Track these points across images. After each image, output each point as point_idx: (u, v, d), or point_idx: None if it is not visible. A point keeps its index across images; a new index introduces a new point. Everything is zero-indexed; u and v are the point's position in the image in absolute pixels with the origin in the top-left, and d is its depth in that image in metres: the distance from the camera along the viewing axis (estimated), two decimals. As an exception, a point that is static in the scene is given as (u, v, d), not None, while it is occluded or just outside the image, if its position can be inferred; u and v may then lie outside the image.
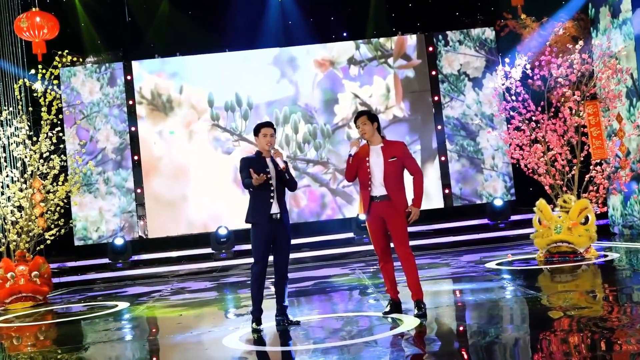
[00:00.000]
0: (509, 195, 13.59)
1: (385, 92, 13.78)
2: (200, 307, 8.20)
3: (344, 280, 9.26)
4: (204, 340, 5.97)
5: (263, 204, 6.04)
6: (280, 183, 6.08)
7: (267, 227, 6.00)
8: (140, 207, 13.48)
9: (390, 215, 5.91)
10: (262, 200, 6.06)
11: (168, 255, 12.78)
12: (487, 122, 13.62)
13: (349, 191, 13.58)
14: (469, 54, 13.86)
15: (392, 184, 5.93)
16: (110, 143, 13.52)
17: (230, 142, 13.59)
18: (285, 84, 13.78)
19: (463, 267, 9.20)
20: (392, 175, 5.94)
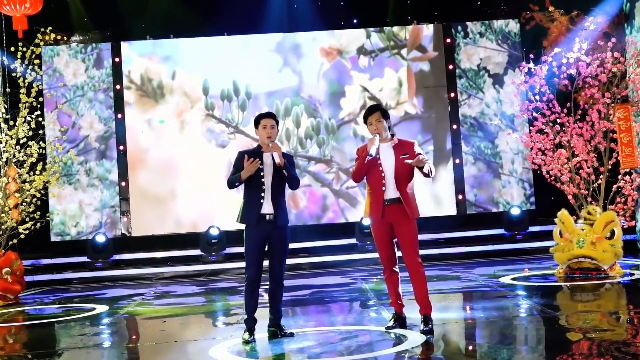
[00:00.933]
0: (528, 204, 13.59)
1: (397, 86, 13.78)
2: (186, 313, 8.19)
3: (344, 290, 9.26)
4: (189, 350, 5.98)
5: (253, 204, 6.04)
6: (277, 180, 6.06)
7: (259, 229, 5.99)
8: (124, 202, 13.49)
9: (401, 220, 5.91)
10: (252, 200, 6.05)
11: (153, 255, 12.78)
12: (507, 123, 13.61)
13: (353, 193, 13.58)
14: (490, 47, 13.85)
15: (404, 186, 5.94)
16: (94, 131, 13.53)
17: (225, 134, 13.59)
18: (287, 74, 13.78)
19: (475, 281, 9.19)
20: (403, 175, 5.95)
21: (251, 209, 6.04)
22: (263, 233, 6.01)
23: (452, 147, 13.73)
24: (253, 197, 6.05)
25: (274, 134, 6.14)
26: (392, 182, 5.93)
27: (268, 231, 6.01)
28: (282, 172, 6.02)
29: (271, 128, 6.13)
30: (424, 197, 12.94)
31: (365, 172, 6.00)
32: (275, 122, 6.20)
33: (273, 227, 6.01)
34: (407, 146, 6.05)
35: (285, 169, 6.03)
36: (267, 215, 6.01)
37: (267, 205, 6.02)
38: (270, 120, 6.16)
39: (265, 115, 6.23)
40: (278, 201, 6.06)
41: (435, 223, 13.00)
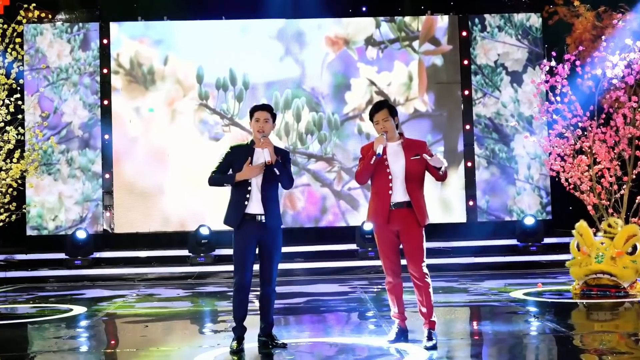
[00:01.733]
0: (544, 214, 13.59)
1: (407, 80, 13.78)
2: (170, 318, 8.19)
3: (342, 299, 9.25)
4: (172, 358, 5.98)
5: (236, 204, 6.04)
6: (267, 179, 6.05)
7: (248, 231, 5.99)
8: (108, 195, 13.49)
9: (408, 226, 5.91)
10: (236, 199, 6.06)
11: (136, 254, 12.78)
12: (524, 125, 13.62)
13: (355, 195, 13.58)
14: (509, 42, 13.86)
15: (414, 188, 5.95)
16: (77, 117, 13.53)
17: (220, 126, 13.59)
18: (289, 63, 13.79)
19: (484, 295, 9.19)
20: (415, 177, 5.95)
21: (235, 209, 6.05)
22: (253, 235, 6.01)
23: (464, 149, 13.73)
24: (237, 196, 6.05)
25: (267, 128, 6.11)
26: (400, 185, 5.93)
27: (258, 233, 6.01)
28: (273, 170, 6.01)
29: (264, 122, 6.11)
30: (431, 201, 12.84)
31: (371, 173, 6.00)
32: (271, 115, 6.17)
33: (264, 228, 6.01)
34: (418, 146, 6.05)
35: (276, 167, 6.01)
36: (257, 216, 6.00)
37: (255, 205, 6.01)
38: (264, 113, 6.14)
39: (259, 107, 6.21)
40: (269, 201, 6.04)
41: (442, 230, 13.00)
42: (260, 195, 6.02)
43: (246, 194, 6.01)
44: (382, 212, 5.94)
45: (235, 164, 6.08)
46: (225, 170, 6.14)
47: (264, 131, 6.08)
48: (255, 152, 6.10)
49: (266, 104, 6.33)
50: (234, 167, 6.09)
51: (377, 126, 6.03)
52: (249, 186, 6.02)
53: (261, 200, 6.01)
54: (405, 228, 5.92)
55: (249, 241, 6.01)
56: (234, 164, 6.10)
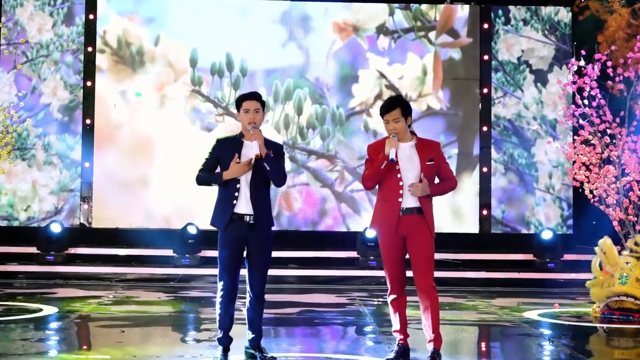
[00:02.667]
0: (564, 228, 13.58)
1: (421, 74, 13.77)
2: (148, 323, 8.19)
3: (338, 311, 9.25)
4: (150, 368, 5.98)
5: (225, 202, 6.04)
6: (258, 176, 6.03)
7: (235, 232, 5.99)
8: (87, 186, 13.47)
9: (418, 234, 5.91)
10: (224, 198, 6.06)
11: (115, 252, 12.76)
12: (547, 129, 13.61)
13: (358, 197, 13.57)
14: (534, 38, 13.84)
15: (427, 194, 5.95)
16: (57, 99, 13.52)
17: (213, 115, 13.58)
18: (292, 49, 13.77)
19: (494, 314, 9.18)
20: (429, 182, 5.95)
21: (222, 208, 6.04)
22: (240, 237, 6.01)
23: (480, 153, 13.71)
24: (226, 194, 6.05)
25: (258, 119, 6.10)
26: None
27: (246, 235, 6.01)
28: (264, 166, 5.99)
29: (255, 112, 6.09)
30: (441, 208, 12.92)
31: (381, 178, 5.99)
32: (261, 105, 6.16)
33: (252, 230, 6.00)
34: (432, 148, 6.05)
35: (267, 161, 6.00)
36: (245, 217, 5.99)
37: (243, 205, 6.00)
38: (253, 103, 6.12)
39: (248, 96, 6.18)
40: (259, 200, 6.03)
41: (452, 241, 12.98)
42: (249, 193, 6.00)
43: (234, 192, 6.00)
44: (390, 220, 5.93)
45: (223, 159, 6.07)
46: (212, 167, 6.14)
47: (255, 122, 6.06)
48: (244, 146, 6.08)
49: (255, 92, 6.29)
50: (222, 163, 6.07)
51: (387, 126, 6.02)
52: (237, 183, 6.01)
53: (250, 199, 6.00)
54: (415, 236, 5.92)
55: (235, 244, 6.01)
56: (221, 159, 6.09)
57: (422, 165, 5.96)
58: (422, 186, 5.92)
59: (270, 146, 6.11)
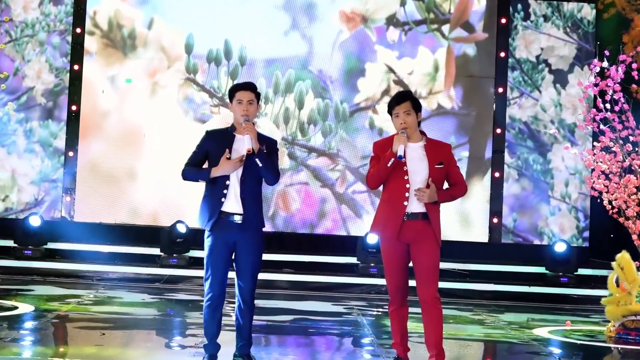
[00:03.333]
0: (579, 240, 13.57)
1: (432, 70, 13.76)
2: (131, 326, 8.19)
3: (334, 321, 9.25)
4: (130, 374, 5.99)
5: (212, 200, 6.04)
6: (249, 172, 6.03)
7: (222, 233, 5.99)
8: (70, 177, 13.46)
9: (423, 241, 5.92)
10: (211, 195, 6.06)
11: (98, 249, 12.75)
12: (565, 134, 13.60)
13: (360, 200, 13.57)
14: (555, 35, 13.84)
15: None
16: (41, 82, 13.51)
17: (208, 106, 13.58)
18: (295, 39, 13.76)
19: (502, 329, 9.18)
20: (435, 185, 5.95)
21: (209, 206, 6.04)
22: (228, 238, 6.01)
23: (493, 157, 13.70)
24: (213, 191, 6.05)
25: (251, 111, 6.11)
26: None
27: (234, 236, 6.01)
28: (256, 162, 5.98)
29: (248, 104, 6.10)
30: (448, 214, 12.92)
31: (387, 177, 5.99)
32: (256, 96, 6.17)
33: (241, 230, 6.00)
34: (442, 150, 6.06)
35: (260, 157, 5.99)
36: (234, 216, 6.00)
37: (232, 203, 6.01)
38: (247, 94, 6.12)
39: (242, 86, 6.20)
40: (249, 198, 6.03)
41: (459, 250, 12.97)
42: (240, 190, 6.00)
43: (223, 189, 6.01)
44: (393, 224, 5.93)
45: (212, 153, 6.07)
46: (200, 162, 6.14)
47: (248, 115, 6.06)
48: (235, 140, 6.09)
49: (250, 82, 6.31)
50: (211, 158, 6.08)
51: (397, 120, 6.02)
52: (227, 180, 6.01)
53: (240, 197, 5.99)
54: (420, 243, 5.92)
55: (223, 244, 6.02)
56: (210, 154, 6.09)
57: (431, 168, 5.96)
58: (429, 192, 5.92)
59: (264, 141, 6.10)
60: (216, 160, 6.00)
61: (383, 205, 6.08)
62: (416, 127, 6.06)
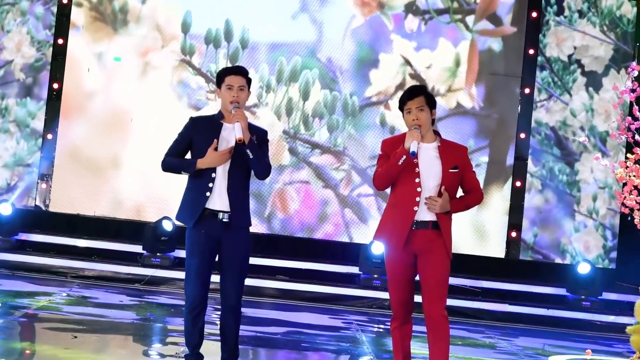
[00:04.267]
0: (605, 261, 13.55)
1: (453, 65, 13.75)
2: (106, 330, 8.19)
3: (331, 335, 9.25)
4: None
5: (195, 195, 6.06)
6: (237, 165, 6.03)
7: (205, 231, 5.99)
8: (47, 162, 13.45)
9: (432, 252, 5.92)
10: (195, 189, 6.08)
11: (74, 243, 12.75)
12: (596, 143, 13.58)
13: (366, 204, 13.55)
14: (590, 34, 13.82)
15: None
16: (21, 56, 13.50)
17: (203, 92, 13.57)
18: (303, 22, 13.75)
19: (515, 354, 9.18)
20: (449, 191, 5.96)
21: (192, 202, 6.06)
22: (212, 237, 6.02)
23: (515, 164, 13.68)
24: (197, 185, 6.07)
25: (242, 98, 6.13)
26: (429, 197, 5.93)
27: (219, 235, 6.01)
28: (246, 152, 5.98)
29: (239, 90, 6.12)
30: (462, 225, 12.89)
31: (396, 177, 5.98)
32: (247, 82, 6.18)
33: (226, 229, 6.00)
34: (457, 152, 6.05)
35: (250, 147, 5.98)
36: (219, 213, 6.00)
37: (217, 199, 6.02)
38: (238, 79, 6.15)
39: (232, 70, 6.23)
40: (237, 194, 6.04)
41: (472, 264, 12.97)
42: (227, 185, 6.00)
43: (208, 182, 6.02)
44: (400, 231, 5.92)
45: (197, 142, 6.08)
46: (183, 152, 6.17)
47: (238, 102, 6.07)
48: (223, 128, 6.10)
49: (240, 66, 6.35)
50: (195, 147, 6.08)
51: (409, 116, 6.01)
52: (212, 173, 6.02)
53: (227, 192, 5.99)
54: (428, 254, 5.92)
55: (206, 245, 6.03)
56: (194, 143, 6.11)
57: (444, 172, 5.95)
58: (441, 201, 5.92)
59: (254, 131, 6.11)
60: (200, 151, 6.01)
61: (390, 209, 6.08)
62: (430, 125, 6.05)
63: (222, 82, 6.16)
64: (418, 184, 5.93)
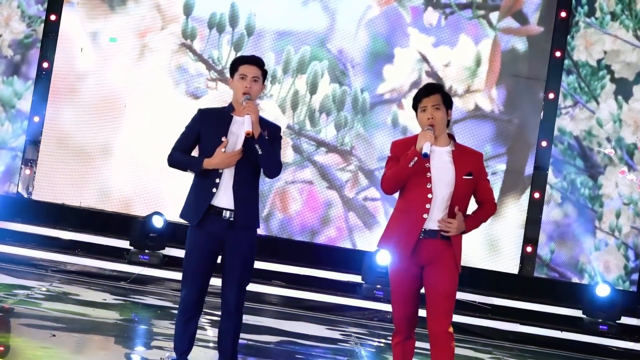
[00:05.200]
0: (626, 283, 13.56)
1: (473, 64, 13.77)
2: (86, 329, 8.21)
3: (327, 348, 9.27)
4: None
5: (201, 192, 6.06)
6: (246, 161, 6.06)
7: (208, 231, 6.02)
8: (32, 146, 13.47)
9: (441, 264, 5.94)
10: (200, 186, 6.08)
11: (57, 234, 12.77)
12: (622, 156, 13.58)
13: (372, 208, 13.57)
14: (622, 38, 13.82)
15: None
16: (10, 31, 13.53)
17: (204, 79, 13.59)
18: (314, 10, 13.76)
19: (524, 378, 9.21)
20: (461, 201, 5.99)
21: (197, 198, 6.06)
22: (215, 237, 6.04)
23: (534, 174, 13.68)
24: (203, 181, 6.07)
25: (255, 89, 6.14)
26: (441, 207, 5.95)
27: (223, 235, 6.03)
28: (254, 147, 6.01)
29: (252, 81, 6.12)
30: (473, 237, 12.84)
31: (406, 180, 6.00)
32: (262, 73, 6.20)
33: (231, 229, 6.02)
34: (472, 158, 6.07)
35: (260, 143, 6.02)
36: (224, 212, 6.02)
37: (223, 196, 6.04)
38: (253, 69, 6.16)
39: (248, 59, 6.23)
40: (244, 192, 6.06)
41: (482, 279, 13.00)
42: (233, 182, 6.03)
43: (215, 177, 6.03)
44: (408, 239, 5.95)
45: (206, 136, 6.09)
46: (190, 147, 6.17)
47: (250, 94, 6.08)
48: (233, 122, 6.11)
49: (256, 56, 6.33)
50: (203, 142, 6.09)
51: (423, 114, 6.03)
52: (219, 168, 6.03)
53: (233, 189, 6.02)
54: (436, 266, 5.94)
55: (208, 244, 6.04)
56: (203, 137, 6.11)
57: (458, 178, 5.98)
58: (456, 223, 5.96)
59: (266, 126, 6.12)
60: (208, 145, 6.03)
61: (398, 215, 6.10)
62: (445, 127, 6.07)
63: (235, 71, 6.16)
64: (429, 189, 5.96)
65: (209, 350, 6.24)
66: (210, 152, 6.02)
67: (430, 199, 5.96)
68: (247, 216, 6.08)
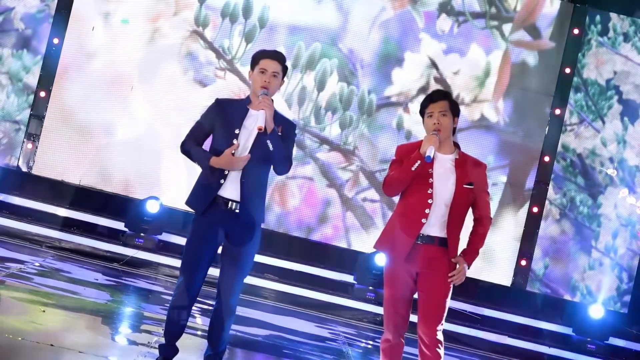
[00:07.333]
0: (618, 304, 13.55)
1: (482, 74, 13.75)
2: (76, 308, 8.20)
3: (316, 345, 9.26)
4: (66, 364, 6.01)
5: (209, 180, 6.04)
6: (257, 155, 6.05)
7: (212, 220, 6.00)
8: (36, 121, 13.45)
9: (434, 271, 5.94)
10: (209, 176, 6.06)
11: (54, 211, 12.75)
12: (624, 177, 13.57)
13: (370, 210, 13.56)
14: (633, 60, 13.80)
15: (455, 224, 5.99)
16: (23, 4, 13.50)
17: (212, 68, 13.56)
18: (328, 8, 13.74)
19: (508, 392, 9.21)
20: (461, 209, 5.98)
21: (204, 187, 6.05)
22: (218, 226, 6.02)
23: (534, 188, 13.67)
24: (211, 172, 6.04)
25: (274, 85, 6.13)
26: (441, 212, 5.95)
27: (226, 226, 6.02)
28: (266, 142, 6.00)
29: (272, 76, 6.11)
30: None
31: (408, 183, 5.99)
32: (282, 69, 6.19)
33: (236, 221, 6.02)
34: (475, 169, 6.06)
35: (272, 139, 6.00)
36: (230, 202, 6.01)
37: (230, 187, 6.03)
38: (274, 64, 6.14)
39: (270, 54, 6.21)
40: (251, 185, 6.06)
41: (475, 289, 12.98)
42: (242, 174, 6.01)
43: (224, 169, 6.00)
44: (404, 242, 5.95)
45: (222, 127, 6.07)
46: (204, 136, 6.16)
47: (268, 89, 6.07)
48: (248, 115, 6.10)
49: (278, 51, 6.31)
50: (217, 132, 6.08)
51: (429, 120, 6.03)
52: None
53: (241, 181, 6.00)
54: (430, 272, 5.94)
55: (211, 233, 6.03)
56: (217, 128, 6.09)
57: (458, 187, 5.97)
58: (462, 269, 6.07)
59: (280, 122, 6.12)
60: (220, 138, 6.02)
61: (397, 218, 6.09)
62: (450, 134, 6.06)
63: (256, 64, 6.14)
64: (430, 195, 5.95)
65: (198, 338, 6.22)
66: (220, 145, 6.01)
67: (430, 204, 5.95)
68: (252, 210, 6.06)
